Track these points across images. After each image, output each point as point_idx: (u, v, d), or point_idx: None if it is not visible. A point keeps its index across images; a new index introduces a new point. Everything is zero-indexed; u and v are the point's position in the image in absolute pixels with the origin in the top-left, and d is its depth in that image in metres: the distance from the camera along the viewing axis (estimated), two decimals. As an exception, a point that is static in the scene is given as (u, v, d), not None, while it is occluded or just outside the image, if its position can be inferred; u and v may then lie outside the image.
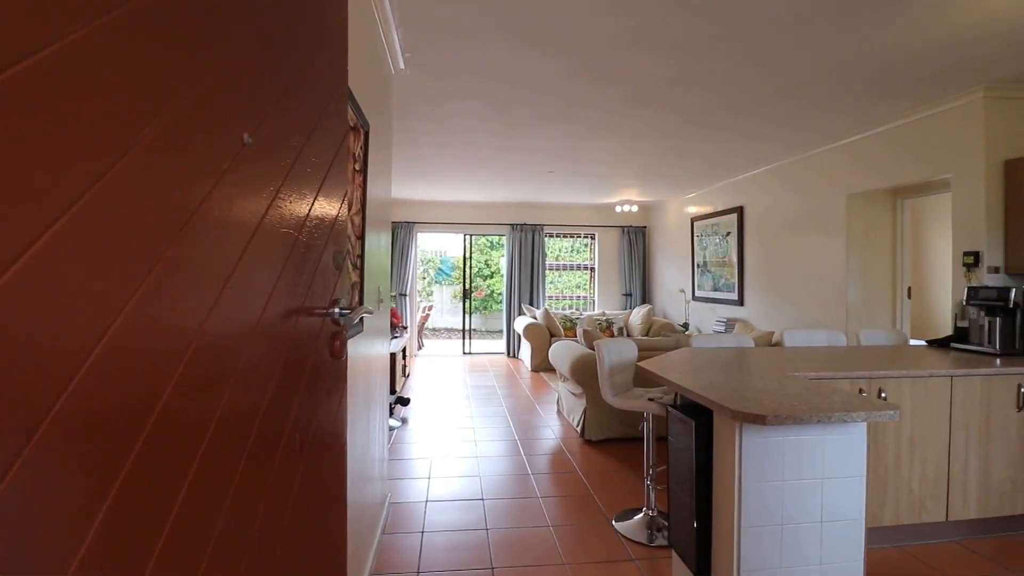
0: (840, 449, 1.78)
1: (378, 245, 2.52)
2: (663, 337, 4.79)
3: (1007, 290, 2.91)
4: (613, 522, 2.70)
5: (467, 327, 8.72)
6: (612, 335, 7.45)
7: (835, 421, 1.62)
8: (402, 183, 6.60)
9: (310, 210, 0.86)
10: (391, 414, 4.53)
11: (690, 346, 3.19)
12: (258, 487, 0.67)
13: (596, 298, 9.00)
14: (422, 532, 2.59)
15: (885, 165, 4.04)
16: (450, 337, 11.78)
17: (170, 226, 0.50)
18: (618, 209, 8.02)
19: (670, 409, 2.20)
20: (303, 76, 0.84)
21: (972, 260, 3.33)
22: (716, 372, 2.30)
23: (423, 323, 9.79)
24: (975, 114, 3.28)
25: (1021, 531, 2.63)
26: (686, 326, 7.22)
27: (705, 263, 7.00)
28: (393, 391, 4.87)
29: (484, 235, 9.81)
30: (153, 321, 0.47)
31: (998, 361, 2.71)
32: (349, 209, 1.73)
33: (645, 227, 8.91)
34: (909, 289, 4.69)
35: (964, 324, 3.27)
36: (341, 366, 1.01)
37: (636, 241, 8.83)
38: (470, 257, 8.86)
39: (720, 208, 6.55)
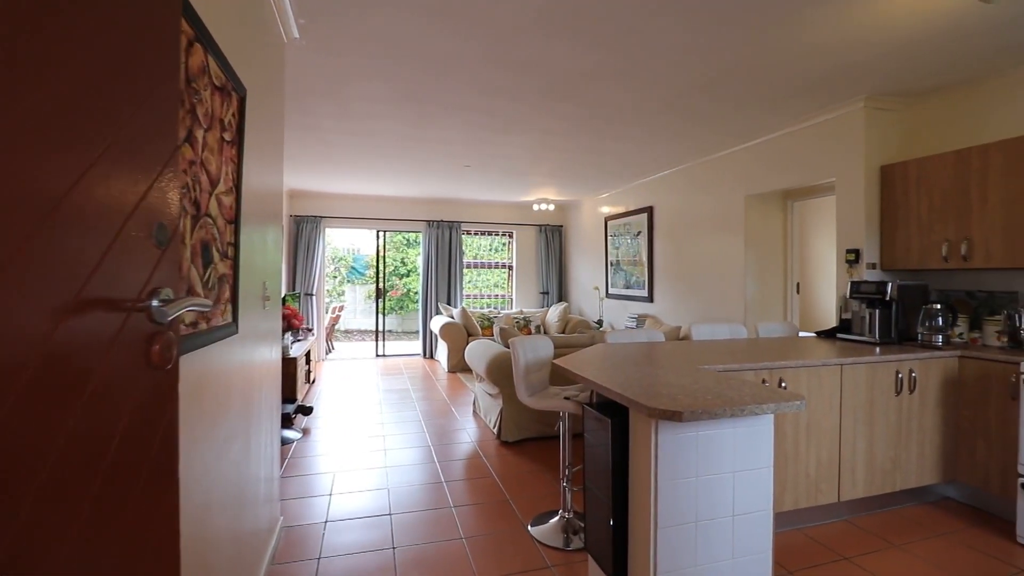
0: (750, 441, 1.77)
1: (264, 237, 2.20)
2: (579, 334, 4.79)
3: (884, 284, 3.17)
4: (529, 527, 2.58)
5: (381, 328, 8.30)
6: (529, 333, 7.42)
7: (747, 414, 1.60)
8: (306, 173, 6.10)
9: (97, 162, 0.61)
10: (290, 425, 4.12)
11: (605, 342, 3.16)
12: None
13: (514, 297, 8.96)
14: (318, 558, 2.30)
15: (779, 169, 4.31)
16: (363, 339, 11.22)
17: None
18: (535, 208, 8.02)
19: (586, 408, 2.11)
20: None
21: (853, 257, 3.62)
22: (631, 368, 2.25)
23: (333, 325, 9.20)
24: (856, 122, 3.56)
25: (899, 505, 2.86)
26: (600, 323, 7.37)
27: (618, 262, 7.18)
28: (293, 400, 4.44)
29: (399, 232, 9.42)
30: None
31: (878, 349, 2.94)
32: (213, 185, 1.44)
33: (562, 226, 9.01)
34: (798, 285, 5.07)
35: (848, 316, 3.54)
36: (166, 377, 0.77)
37: (553, 240, 8.90)
38: (384, 255, 8.44)
39: (632, 208, 6.74)
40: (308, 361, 5.55)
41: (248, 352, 1.90)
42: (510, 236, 8.99)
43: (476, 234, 8.89)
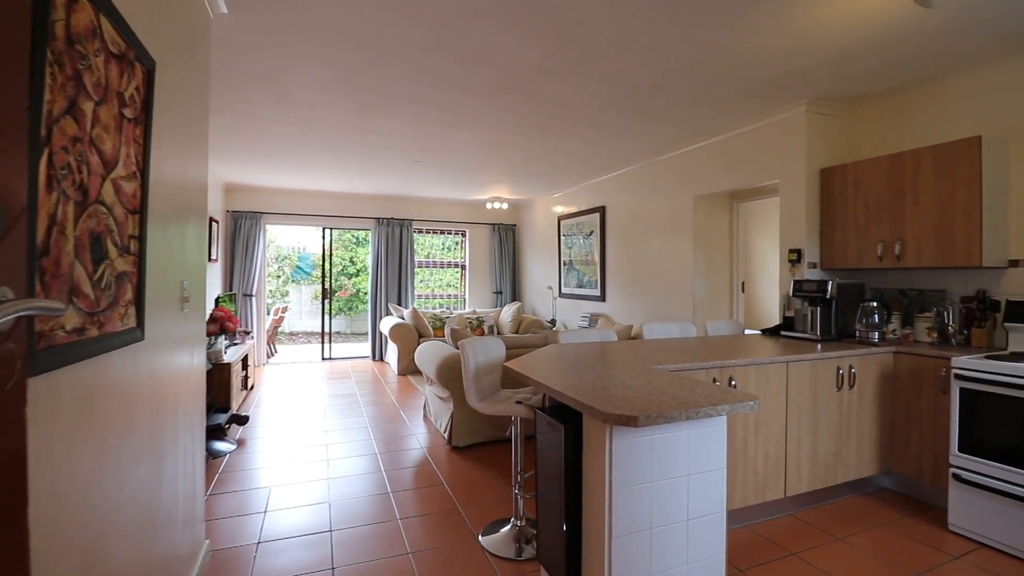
0: (704, 443, 1.73)
1: (182, 231, 1.97)
2: (532, 334, 4.72)
3: (825, 283, 3.27)
4: (480, 537, 2.46)
5: (327, 330, 7.94)
6: (483, 333, 7.31)
7: (702, 416, 1.55)
8: (244, 165, 5.72)
9: None
10: (222, 437, 3.82)
11: (558, 342, 3.09)
12: None
13: (467, 296, 8.82)
14: (248, 584, 2.10)
15: (726, 170, 4.39)
16: (309, 341, 10.74)
17: None
18: (489, 206, 7.91)
19: (538, 412, 2.02)
20: None
21: (796, 257, 3.72)
22: (584, 369, 2.18)
23: (275, 327, 8.75)
24: (799, 126, 3.66)
25: (840, 497, 2.95)
26: (553, 322, 7.35)
27: (571, 261, 7.18)
28: (226, 409, 4.12)
29: (348, 230, 9.06)
30: None
31: (819, 346, 3.01)
32: (107, 168, 1.24)
33: (515, 225, 8.94)
34: (743, 284, 5.22)
35: (791, 314, 3.64)
36: (7, 399, 0.60)
37: (507, 239, 8.82)
38: (331, 254, 8.09)
39: (584, 208, 6.75)
40: (245, 367, 5.20)
41: (159, 360, 1.68)
42: (463, 235, 8.83)
43: (428, 233, 8.68)
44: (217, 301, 5.37)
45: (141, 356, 1.50)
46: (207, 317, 4.36)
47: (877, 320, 3.15)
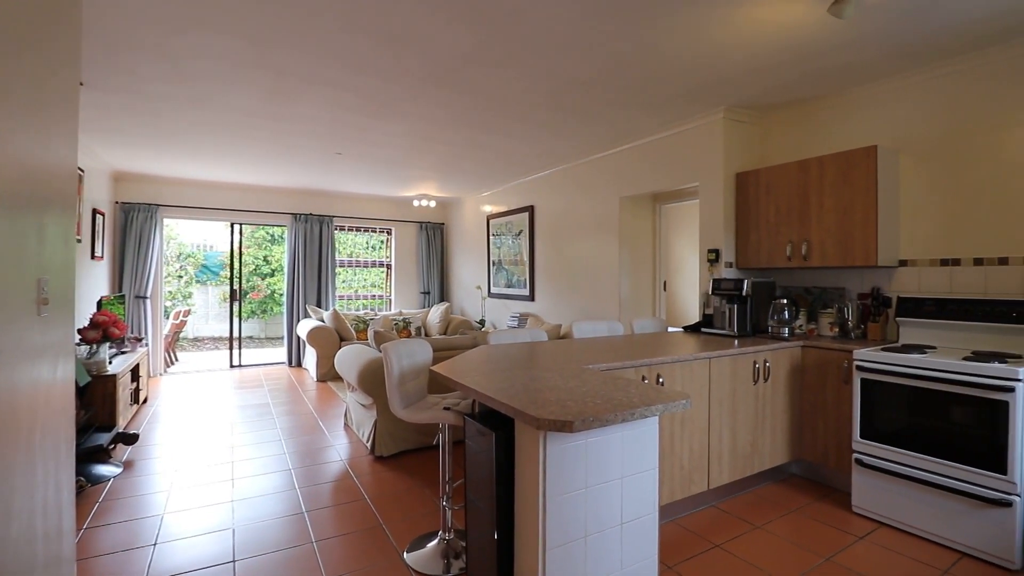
0: (638, 444, 1.70)
1: (39, 223, 1.64)
2: (461, 335, 4.58)
3: (741, 281, 3.42)
4: (405, 555, 2.30)
5: (237, 334, 7.31)
6: (409, 335, 7.05)
7: (638, 417, 1.51)
8: (134, 151, 5.09)
9: None
10: (106, 459, 3.34)
11: (488, 343, 2.99)
12: None
13: (393, 297, 8.49)
14: (128, 634, 1.80)
15: (650, 172, 4.51)
16: (217, 347, 9.88)
17: None
18: (416, 204, 7.66)
19: (468, 419, 1.90)
20: None
21: (714, 256, 3.88)
22: (515, 371, 2.09)
23: (176, 333, 7.93)
24: (717, 132, 3.82)
25: (757, 486, 3.09)
26: (483, 322, 7.25)
27: (500, 261, 7.12)
28: (111, 427, 3.62)
29: (261, 225, 8.41)
30: None
31: (736, 342, 3.14)
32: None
33: (443, 224, 8.74)
34: (665, 283, 5.40)
35: (710, 312, 3.79)
36: None
37: (435, 238, 8.60)
38: (241, 251, 7.45)
39: (513, 207, 6.71)
40: (136, 378, 4.62)
41: (2, 376, 1.38)
42: (388, 233, 8.50)
43: (351, 230, 8.25)
44: (100, 304, 4.73)
45: (-28, 372, 1.21)
46: (86, 322, 3.81)
47: (787, 316, 3.34)
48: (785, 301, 3.36)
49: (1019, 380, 2.18)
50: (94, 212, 5.29)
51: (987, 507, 2.26)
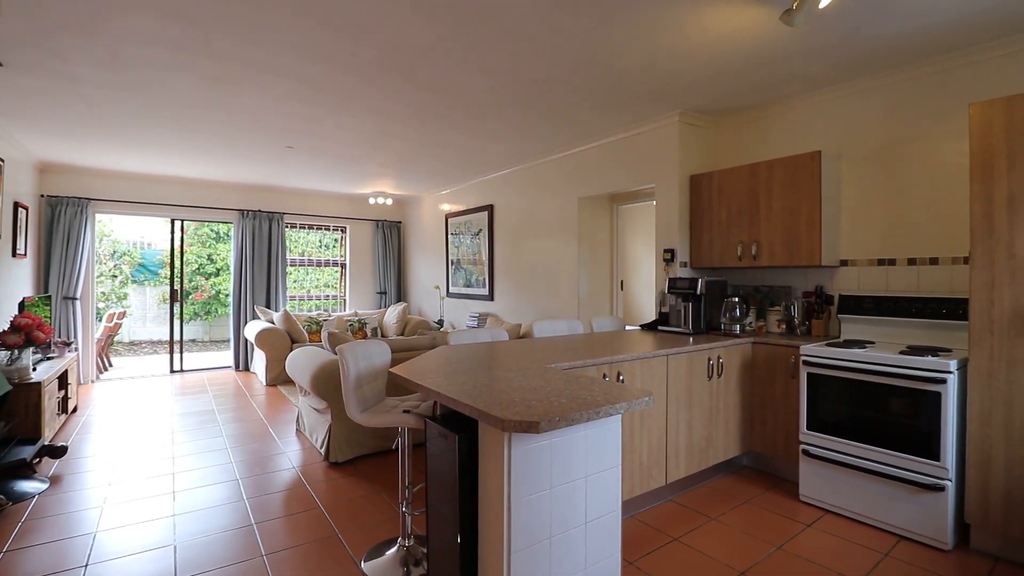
0: (601, 442, 1.70)
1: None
2: (420, 335, 4.49)
3: (696, 280, 3.51)
4: (363, 564, 2.22)
5: (178, 337, 6.90)
6: (365, 336, 6.87)
7: (603, 415, 1.50)
8: (62, 140, 4.71)
9: None
10: (30, 475, 3.06)
11: (447, 344, 2.93)
12: None
13: (348, 297, 8.25)
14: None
15: (608, 173, 4.57)
16: (156, 352, 9.31)
17: None
18: (372, 201, 7.47)
19: (429, 422, 1.84)
20: None
21: (670, 256, 3.97)
22: (478, 372, 2.05)
23: (110, 336, 7.41)
24: (672, 135, 3.91)
25: (711, 479, 3.17)
26: (441, 323, 7.15)
27: (459, 260, 7.04)
28: (35, 439, 3.32)
29: (205, 222, 7.99)
30: None
31: (691, 339, 3.22)
32: None
33: (400, 222, 8.57)
34: (622, 282, 5.50)
35: (666, 310, 3.87)
36: None
37: (391, 236, 8.41)
38: (183, 250, 7.04)
39: (472, 206, 6.65)
40: (64, 385, 4.27)
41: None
42: (343, 231, 8.25)
43: (303, 228, 7.95)
44: (23, 306, 4.35)
45: None
46: (6, 326, 3.48)
47: (739, 314, 3.46)
48: (736, 299, 3.48)
49: (950, 372, 2.34)
50: (16, 206, 4.85)
51: (922, 492, 2.41)
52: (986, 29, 2.53)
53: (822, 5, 2.12)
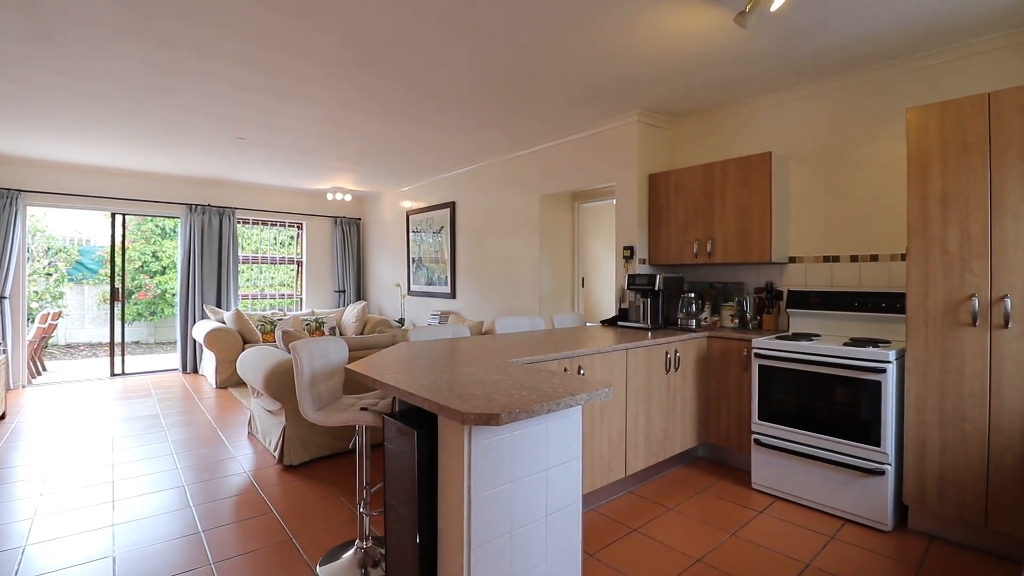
0: (562, 434, 1.70)
1: None
2: (379, 334, 4.39)
3: (654, 277, 3.59)
4: (318, 568, 2.14)
5: (119, 339, 6.51)
6: (323, 336, 6.67)
7: (563, 407, 1.50)
8: (-16, 127, 4.35)
9: None
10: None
11: (408, 341, 2.88)
12: None
13: (305, 296, 8.00)
14: None
15: (569, 171, 4.60)
16: (95, 354, 8.76)
17: None
18: (330, 197, 7.27)
19: (387, 419, 1.80)
20: None
21: (629, 253, 4.04)
22: (438, 368, 2.02)
23: (43, 339, 6.92)
24: (631, 134, 3.97)
25: (669, 470, 3.24)
26: (402, 321, 7.04)
27: (420, 258, 6.95)
28: (-48, 448, 3.05)
29: (149, 216, 7.57)
30: None
31: (650, 334, 3.28)
32: None
33: (360, 219, 8.38)
34: (583, 279, 5.56)
35: (625, 306, 3.94)
36: None
37: (350, 234, 8.21)
38: (124, 246, 6.65)
39: (434, 203, 6.58)
40: (-12, 390, 3.95)
41: None
42: (299, 228, 7.99)
43: (256, 224, 7.65)
44: (-61, 305, 3.99)
45: None
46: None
47: (694, 309, 3.55)
48: (692, 295, 3.57)
49: (889, 362, 2.47)
50: (-71, 196, 4.44)
51: (864, 476, 2.53)
52: (923, 39, 2.69)
53: (774, 8, 2.19)
